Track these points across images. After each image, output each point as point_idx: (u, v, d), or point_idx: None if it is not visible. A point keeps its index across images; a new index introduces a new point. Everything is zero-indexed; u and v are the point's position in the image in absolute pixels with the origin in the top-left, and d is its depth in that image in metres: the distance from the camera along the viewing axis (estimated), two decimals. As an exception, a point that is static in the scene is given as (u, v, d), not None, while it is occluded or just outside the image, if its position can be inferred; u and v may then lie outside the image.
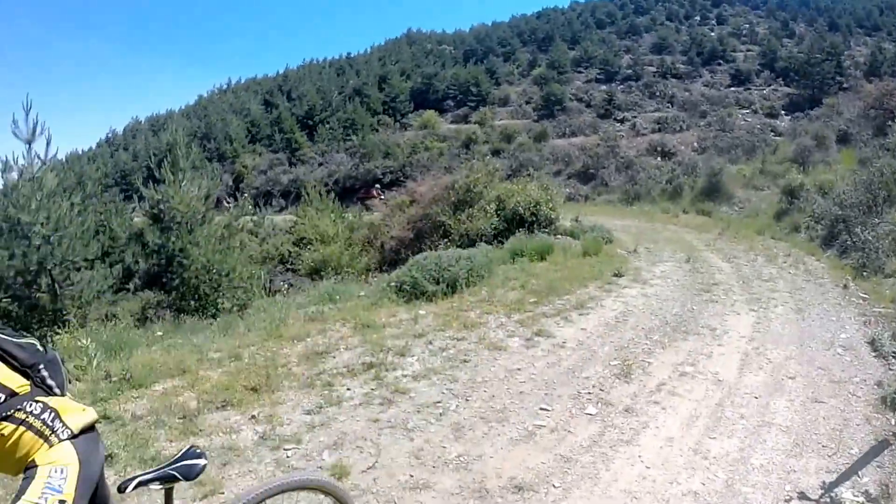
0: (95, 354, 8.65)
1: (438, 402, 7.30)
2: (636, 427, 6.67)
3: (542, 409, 7.10)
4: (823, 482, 5.51)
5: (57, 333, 11.20)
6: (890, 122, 25.26)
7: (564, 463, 5.99)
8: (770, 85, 60.46)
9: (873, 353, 8.67)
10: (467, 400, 7.36)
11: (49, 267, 14.13)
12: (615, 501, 5.39)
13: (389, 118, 67.05)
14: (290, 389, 7.78)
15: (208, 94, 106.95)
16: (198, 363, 8.82)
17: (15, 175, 14.54)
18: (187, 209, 16.31)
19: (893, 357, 8.41)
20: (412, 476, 5.78)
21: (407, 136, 58.33)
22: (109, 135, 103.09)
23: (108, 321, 13.39)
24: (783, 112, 52.56)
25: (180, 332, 11.69)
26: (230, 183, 54.02)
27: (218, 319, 13.11)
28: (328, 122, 67.35)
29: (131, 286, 21.26)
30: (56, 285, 14.47)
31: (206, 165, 22.96)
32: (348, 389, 7.71)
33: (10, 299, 14.34)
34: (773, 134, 45.99)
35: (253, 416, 6.98)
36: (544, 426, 6.71)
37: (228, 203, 34.34)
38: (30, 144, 14.79)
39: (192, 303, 15.91)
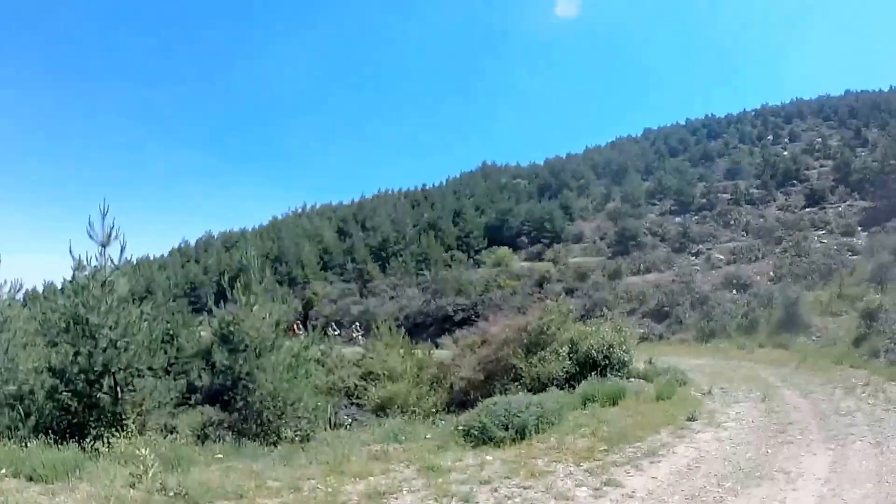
0: (153, 465, 8.67)
1: (503, 554, 6.99)
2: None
3: (606, 568, 6.76)
4: None
5: (114, 436, 11.37)
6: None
7: None
8: (845, 200, 59.05)
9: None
10: (531, 553, 7.04)
11: (113, 370, 14.31)
12: None
13: (462, 253, 67.32)
14: (349, 530, 7.55)
15: (282, 216, 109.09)
16: (256, 489, 8.78)
17: (87, 274, 14.84)
18: (257, 334, 16.40)
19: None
20: None
21: (480, 273, 58.31)
22: (182, 244, 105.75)
23: (168, 432, 13.67)
24: (859, 228, 51.02)
25: (240, 457, 11.72)
26: (300, 309, 54.31)
27: (279, 448, 13.08)
28: (401, 255, 68.07)
29: (193, 399, 21.44)
30: (118, 388, 14.65)
31: (276, 289, 23.25)
32: (410, 535, 7.46)
33: (70, 394, 14.54)
34: (849, 254, 44.73)
35: (309, 558, 6.80)
36: (609, 589, 6.38)
37: (299, 331, 34.89)
38: (104, 247, 15.14)
39: (254, 427, 15.84)
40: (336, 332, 46.40)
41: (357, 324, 45.49)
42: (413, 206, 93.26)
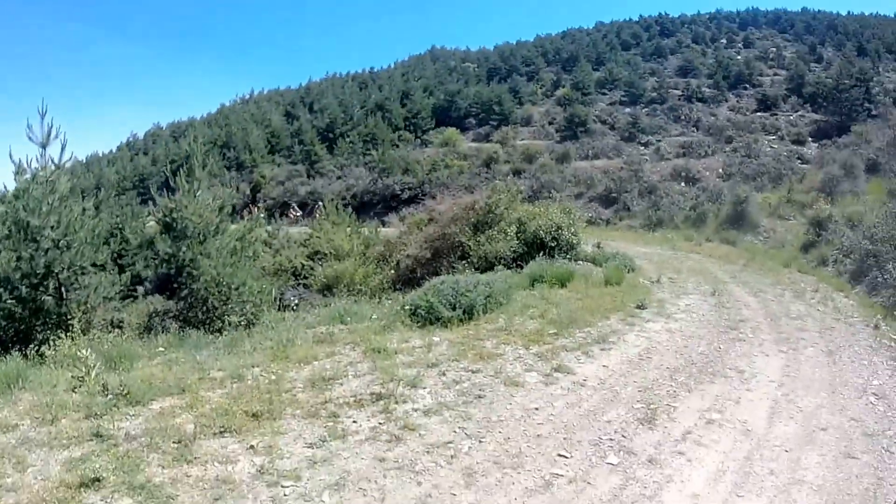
0: (95, 366, 8.44)
1: (450, 442, 6.88)
2: (660, 481, 6.26)
3: (560, 455, 6.68)
4: None
5: (59, 337, 11.21)
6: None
7: (583, 520, 5.58)
8: (797, 111, 59.42)
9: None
10: (480, 441, 6.93)
11: (57, 271, 13.91)
12: (637, 567, 4.99)
13: (410, 134, 66.55)
14: (293, 418, 7.46)
15: (230, 104, 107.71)
16: (198, 382, 8.60)
17: (28, 178, 14.29)
18: (200, 220, 15.98)
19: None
20: (417, 528, 5.36)
21: (427, 153, 57.80)
22: (130, 138, 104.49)
23: (113, 327, 13.45)
24: (810, 139, 51.77)
25: (184, 347, 11.44)
26: (247, 192, 53.87)
27: (224, 335, 12.80)
28: (349, 136, 67.07)
29: (140, 291, 21.10)
30: (63, 289, 14.27)
31: (224, 174, 22.69)
32: (354, 422, 7.35)
33: (14, 301, 14.14)
34: (799, 162, 45.44)
35: (252, 446, 6.66)
36: (562, 476, 6.29)
37: (251, 214, 34.82)
38: (44, 148, 14.57)
39: (200, 314, 15.58)
40: (298, 213, 46.50)
41: (320, 203, 45.59)
42: (361, 87, 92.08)
